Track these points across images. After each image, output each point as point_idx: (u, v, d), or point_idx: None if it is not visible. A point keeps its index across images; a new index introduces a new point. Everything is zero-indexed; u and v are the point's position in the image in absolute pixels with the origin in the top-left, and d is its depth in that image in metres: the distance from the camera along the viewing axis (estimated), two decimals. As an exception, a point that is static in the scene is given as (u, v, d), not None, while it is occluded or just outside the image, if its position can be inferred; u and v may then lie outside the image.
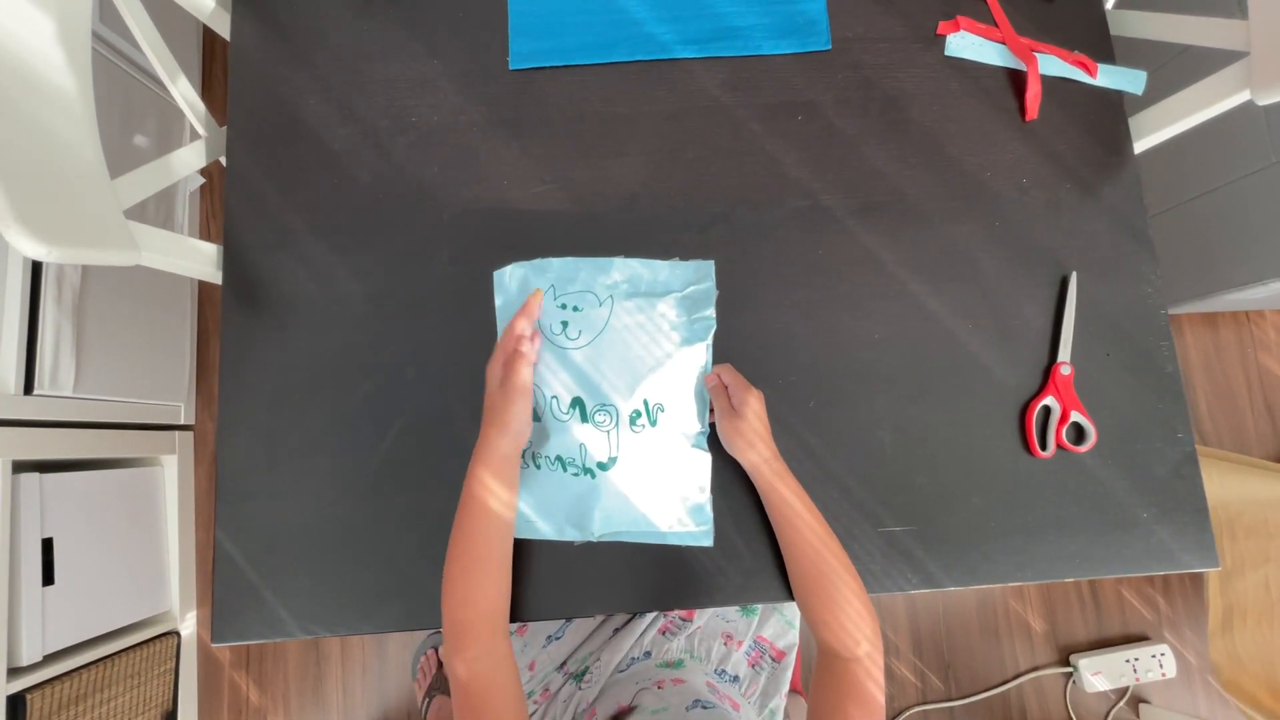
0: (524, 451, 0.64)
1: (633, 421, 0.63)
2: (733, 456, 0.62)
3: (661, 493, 0.63)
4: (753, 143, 0.72)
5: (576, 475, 0.63)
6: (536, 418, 0.64)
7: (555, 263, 0.68)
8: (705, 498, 0.64)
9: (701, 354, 0.65)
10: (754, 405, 0.60)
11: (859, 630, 0.54)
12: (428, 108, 0.73)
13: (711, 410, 0.64)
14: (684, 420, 0.64)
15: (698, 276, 0.67)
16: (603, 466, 0.63)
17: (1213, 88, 0.65)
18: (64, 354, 1.05)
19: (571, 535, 0.64)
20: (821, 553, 0.57)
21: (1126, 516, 0.65)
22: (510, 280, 0.68)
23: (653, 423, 0.63)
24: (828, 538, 0.58)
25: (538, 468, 0.64)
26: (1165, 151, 0.74)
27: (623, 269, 0.67)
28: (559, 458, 0.63)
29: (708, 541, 0.64)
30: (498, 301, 0.68)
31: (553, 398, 0.63)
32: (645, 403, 0.63)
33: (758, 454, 0.60)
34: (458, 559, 0.56)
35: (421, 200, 0.71)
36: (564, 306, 0.66)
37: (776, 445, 0.61)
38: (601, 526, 0.63)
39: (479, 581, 0.56)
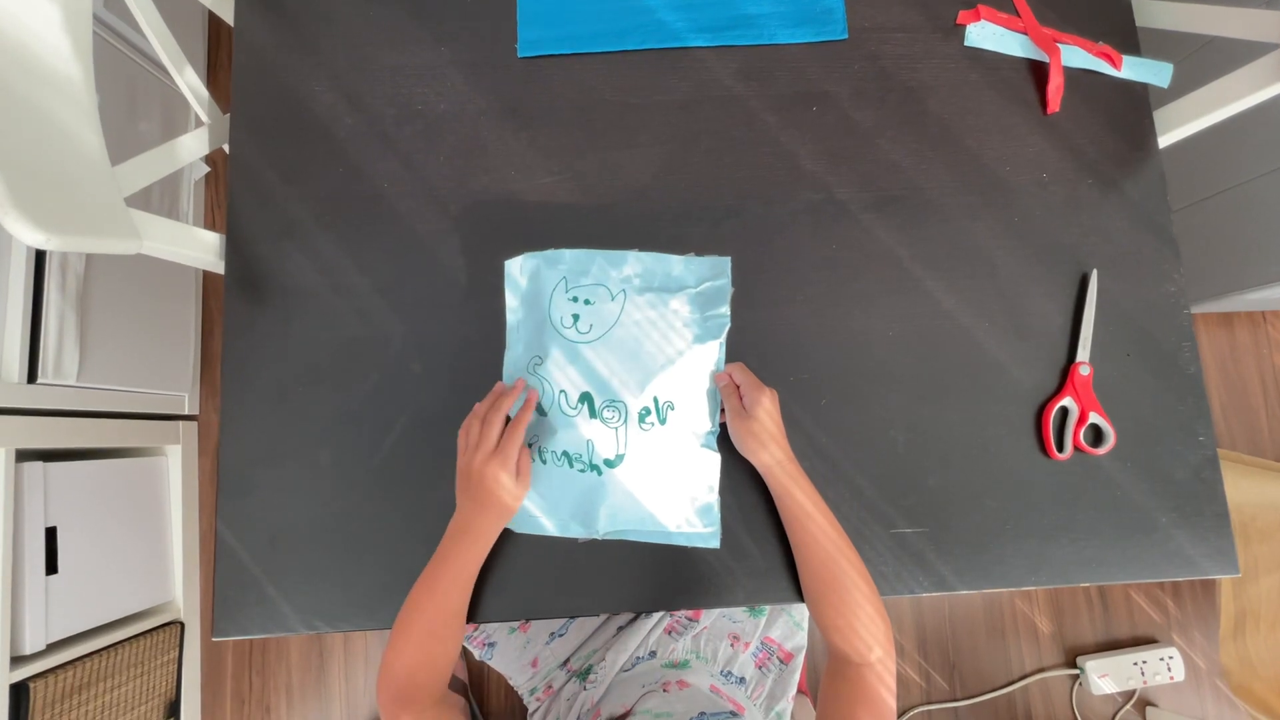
0: (531, 445, 0.63)
1: (642, 419, 0.62)
2: (745, 457, 0.61)
3: (669, 492, 0.62)
4: (766, 134, 0.70)
5: (583, 471, 0.62)
6: (543, 412, 0.63)
7: (568, 254, 0.66)
8: (714, 498, 0.63)
9: (714, 352, 0.64)
10: (766, 405, 0.59)
11: (871, 636, 0.53)
12: (434, 96, 0.72)
13: (722, 410, 0.63)
14: (694, 419, 0.63)
15: (713, 273, 0.66)
16: (610, 463, 0.62)
17: (1242, 81, 0.63)
18: (68, 342, 1.05)
19: (576, 532, 0.63)
20: (835, 557, 0.56)
21: (1145, 521, 0.63)
22: (521, 271, 0.67)
23: (662, 421, 0.62)
24: (841, 541, 0.56)
25: (544, 463, 0.63)
26: (1183, 147, 0.73)
27: (637, 262, 0.66)
28: (565, 453, 0.62)
29: (714, 543, 0.63)
30: (508, 292, 0.67)
31: (561, 392, 0.62)
32: (655, 400, 0.62)
33: (770, 455, 0.58)
34: (427, 620, 0.56)
35: (428, 191, 0.70)
36: (575, 299, 0.64)
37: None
38: (607, 524, 0.62)
39: (446, 647, 0.56)
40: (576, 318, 0.64)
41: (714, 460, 0.63)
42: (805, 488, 0.58)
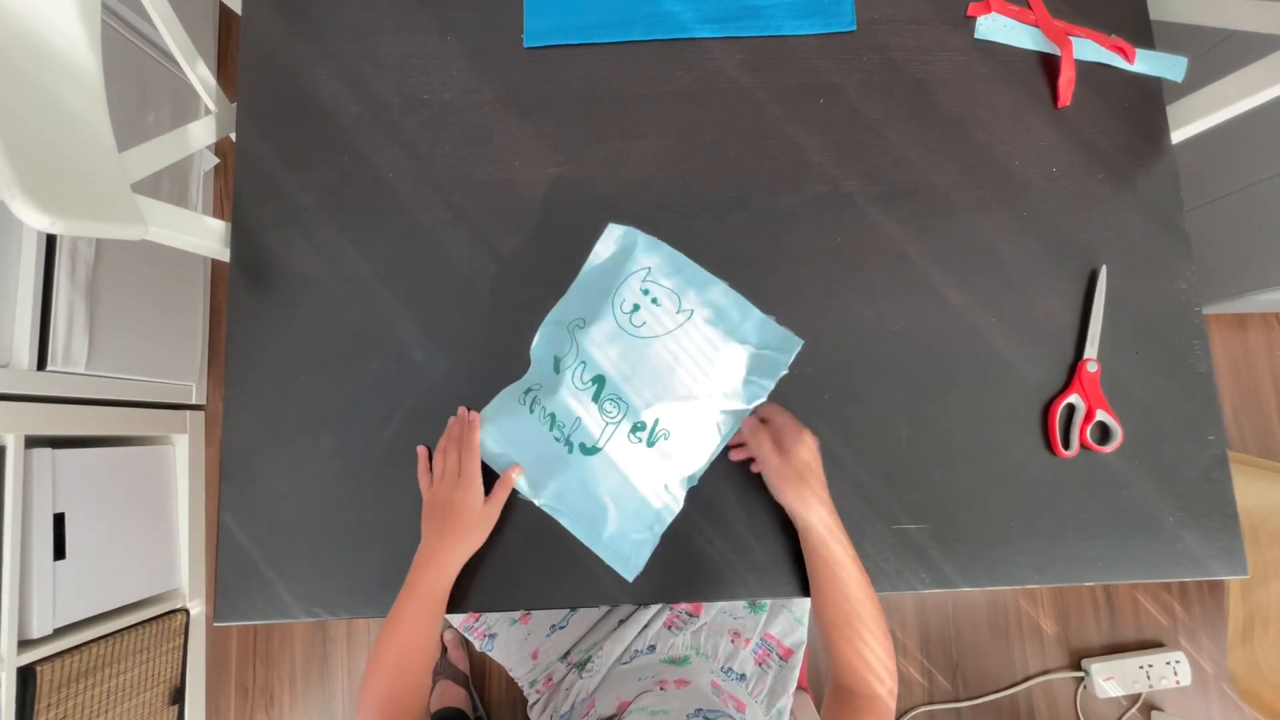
0: (526, 390, 0.64)
1: (633, 430, 0.62)
2: (779, 501, 0.59)
3: (619, 507, 0.62)
4: (773, 126, 0.70)
5: (557, 440, 0.63)
6: (557, 369, 0.63)
7: (666, 249, 0.66)
8: (651, 538, 0.62)
9: (737, 413, 0.63)
10: (805, 455, 0.57)
11: (881, 672, 0.54)
12: (440, 85, 0.71)
13: (730, 447, 0.63)
14: (680, 462, 0.62)
15: (780, 345, 0.65)
16: (584, 449, 0.62)
17: (1258, 76, 0.62)
18: (77, 331, 1.06)
19: (520, 485, 0.63)
20: (858, 602, 0.55)
21: (1152, 520, 0.63)
22: (619, 238, 0.67)
23: (650, 443, 0.62)
24: (868, 587, 0.56)
25: (530, 411, 0.63)
26: (1196, 143, 0.71)
27: (720, 295, 0.65)
28: (552, 415, 0.62)
29: (627, 576, 0.62)
30: (596, 248, 0.67)
31: (582, 363, 0.62)
32: (655, 422, 0.61)
33: (814, 514, 0.56)
34: (396, 655, 0.55)
35: (432, 180, 0.70)
36: (646, 292, 0.64)
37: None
38: (550, 498, 0.63)
39: (415, 680, 0.56)
40: (637, 308, 0.63)
41: (673, 510, 0.63)
42: (844, 545, 0.56)
